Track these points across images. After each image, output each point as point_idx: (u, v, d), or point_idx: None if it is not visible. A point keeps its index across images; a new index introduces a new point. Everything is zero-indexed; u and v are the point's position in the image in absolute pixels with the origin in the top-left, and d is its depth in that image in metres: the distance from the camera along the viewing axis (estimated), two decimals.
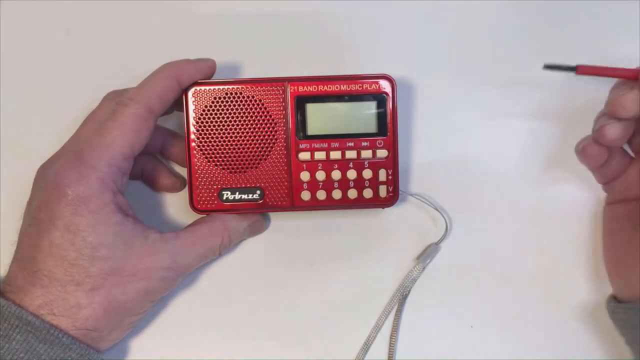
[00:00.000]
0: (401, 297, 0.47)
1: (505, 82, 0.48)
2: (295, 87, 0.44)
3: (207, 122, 0.44)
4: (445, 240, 0.48)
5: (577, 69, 0.39)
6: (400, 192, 0.45)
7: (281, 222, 0.48)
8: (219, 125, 0.44)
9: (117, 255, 0.39)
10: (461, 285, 0.48)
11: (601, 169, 0.43)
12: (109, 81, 0.45)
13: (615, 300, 0.43)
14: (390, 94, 0.44)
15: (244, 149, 0.44)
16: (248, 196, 0.44)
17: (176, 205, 0.48)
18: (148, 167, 0.47)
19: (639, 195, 0.42)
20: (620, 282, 0.43)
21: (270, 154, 0.44)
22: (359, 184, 0.44)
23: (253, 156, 0.44)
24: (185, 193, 0.46)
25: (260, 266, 0.48)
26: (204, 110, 0.44)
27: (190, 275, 0.46)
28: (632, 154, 0.44)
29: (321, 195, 0.44)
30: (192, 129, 0.44)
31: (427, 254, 0.47)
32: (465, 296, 0.47)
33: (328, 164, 0.44)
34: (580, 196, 0.47)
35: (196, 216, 0.45)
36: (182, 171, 0.48)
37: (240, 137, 0.44)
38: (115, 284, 0.39)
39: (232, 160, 0.44)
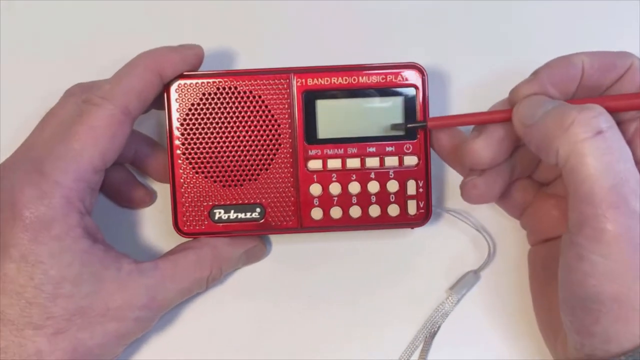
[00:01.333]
0: (428, 335, 0.46)
1: None
2: (303, 80, 0.43)
3: (194, 124, 0.43)
4: (486, 267, 0.47)
5: (427, 123, 0.42)
6: (433, 209, 0.44)
7: (286, 247, 0.48)
8: (209, 128, 0.43)
9: (85, 291, 0.39)
10: (503, 323, 0.47)
11: (503, 201, 0.45)
12: (71, 71, 0.44)
13: None
14: (420, 87, 0.43)
15: (240, 157, 0.43)
16: (246, 215, 0.44)
17: (156, 226, 0.48)
18: (113, 177, 0.47)
19: (558, 231, 0.42)
20: (557, 348, 0.42)
21: (272, 163, 0.43)
22: (383, 198, 0.44)
23: (251, 166, 0.43)
24: (166, 209, 0.45)
25: (258, 299, 0.48)
26: (190, 109, 0.43)
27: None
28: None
29: (336, 213, 0.44)
30: (175, 132, 0.43)
31: (463, 283, 0.47)
32: (507, 339, 0.47)
33: (344, 175, 0.44)
34: None
35: (179, 240, 0.45)
36: (160, 187, 0.48)
37: (236, 142, 0.43)
38: (82, 326, 0.39)
39: (226, 171, 0.43)
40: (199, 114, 0.43)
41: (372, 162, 0.43)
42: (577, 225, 0.35)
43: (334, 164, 0.43)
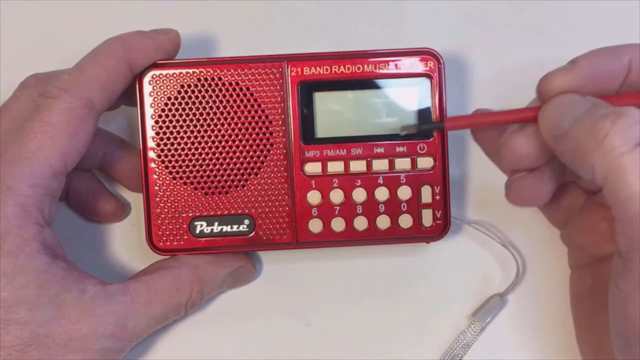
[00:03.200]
0: None
1: None
2: (299, 69, 0.43)
3: (171, 122, 0.43)
4: (514, 290, 0.47)
5: (445, 125, 0.42)
6: (452, 220, 0.44)
7: (279, 266, 0.48)
8: (188, 126, 0.43)
9: (42, 317, 0.39)
10: (534, 354, 0.47)
11: (548, 204, 0.44)
12: (28, 61, 0.45)
13: None
14: (436, 77, 0.44)
15: (225, 159, 0.44)
16: (232, 228, 0.44)
17: (126, 241, 0.48)
18: (78, 186, 0.47)
19: (606, 249, 0.42)
20: None
21: (263, 167, 0.44)
22: (393, 208, 0.44)
23: (239, 170, 0.44)
24: (139, 221, 0.45)
25: (245, 328, 0.48)
26: (166, 105, 0.43)
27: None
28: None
29: (338, 225, 0.44)
30: (149, 131, 0.43)
31: (488, 309, 0.47)
32: None
33: (347, 180, 0.44)
34: None
35: (154, 257, 0.45)
36: (134, 197, 0.48)
37: (220, 142, 0.43)
38: (39, 358, 0.39)
39: (209, 177, 0.44)
40: (177, 110, 0.43)
41: (380, 165, 0.43)
42: (628, 251, 0.35)
43: (336, 167, 0.43)
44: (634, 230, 0.34)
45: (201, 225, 0.44)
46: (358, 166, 0.44)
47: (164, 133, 0.43)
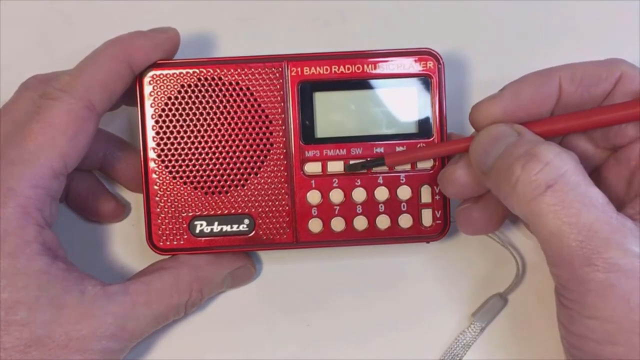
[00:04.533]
0: None
1: None
2: (299, 69, 0.43)
3: (171, 122, 0.43)
4: (515, 290, 0.47)
5: (385, 161, 0.43)
6: (452, 220, 0.45)
7: (278, 266, 0.48)
8: (188, 126, 0.43)
9: (42, 318, 0.39)
10: (534, 354, 0.47)
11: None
12: (28, 61, 0.45)
13: None
14: (436, 77, 0.44)
15: (225, 159, 0.44)
16: (232, 228, 0.44)
17: (126, 241, 0.48)
18: (78, 186, 0.47)
19: None
20: None
21: (263, 167, 0.44)
22: (393, 207, 0.44)
23: (239, 170, 0.44)
24: (139, 221, 0.45)
25: (245, 328, 0.48)
26: (166, 104, 0.43)
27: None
28: None
29: (338, 224, 0.44)
30: (149, 131, 0.43)
31: (488, 309, 0.47)
32: None
33: (347, 180, 0.44)
34: None
35: (154, 257, 0.45)
36: (134, 198, 0.48)
37: (220, 142, 0.43)
38: (39, 359, 0.39)
39: (209, 176, 0.44)
40: (177, 110, 0.43)
41: None
42: (560, 287, 0.36)
43: (335, 167, 0.44)
44: (559, 269, 0.36)
45: (201, 225, 0.44)
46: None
47: (164, 133, 0.43)
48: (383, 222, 0.44)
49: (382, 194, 0.44)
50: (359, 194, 0.44)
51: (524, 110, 0.40)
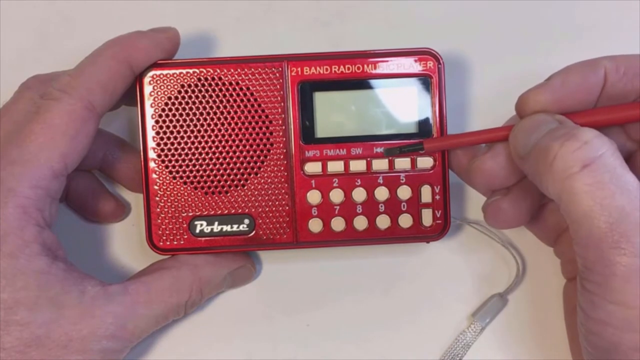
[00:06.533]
0: None
1: None
2: (299, 69, 0.43)
3: (171, 121, 0.43)
4: (515, 290, 0.47)
5: (424, 146, 0.43)
6: (452, 220, 0.45)
7: (278, 266, 0.48)
8: (188, 126, 0.43)
9: (42, 319, 0.39)
10: (534, 354, 0.47)
11: (534, 225, 0.45)
12: (28, 61, 0.46)
13: None
14: (436, 77, 0.44)
15: (225, 159, 0.44)
16: (232, 227, 0.44)
17: (126, 241, 0.48)
18: (78, 186, 0.47)
19: None
20: None
21: (263, 167, 0.44)
22: (393, 207, 0.44)
23: (239, 170, 0.44)
24: (139, 221, 0.45)
25: (245, 328, 0.48)
26: (166, 104, 0.43)
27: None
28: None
29: (338, 224, 0.44)
30: (150, 131, 0.43)
31: (488, 309, 0.47)
32: None
33: (347, 180, 0.44)
34: None
35: (154, 257, 0.45)
36: (134, 198, 0.48)
37: (220, 142, 0.43)
38: (39, 359, 0.39)
39: (209, 176, 0.44)
40: (177, 110, 0.43)
41: (380, 164, 0.44)
42: (584, 271, 0.36)
43: (335, 167, 0.44)
44: (586, 250, 0.35)
45: (201, 225, 0.44)
46: (358, 166, 0.44)
47: (164, 133, 0.43)
48: (383, 222, 0.44)
49: (382, 193, 0.44)
50: (359, 194, 0.44)
51: (571, 99, 0.40)
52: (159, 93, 0.43)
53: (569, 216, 0.36)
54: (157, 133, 0.43)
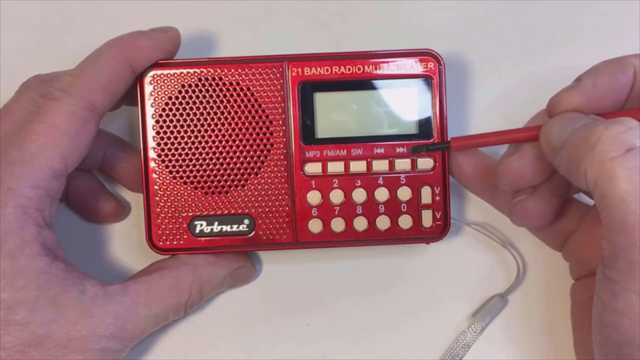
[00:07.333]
0: None
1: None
2: (299, 70, 0.43)
3: (172, 121, 0.43)
4: (515, 290, 0.47)
5: (450, 144, 0.43)
6: (452, 221, 0.45)
7: (278, 267, 0.48)
8: (189, 126, 0.43)
9: (42, 318, 0.39)
10: (534, 354, 0.47)
11: (545, 230, 0.45)
12: (28, 62, 0.45)
13: None
14: (437, 78, 0.44)
15: (225, 159, 0.44)
16: (232, 228, 0.44)
17: (126, 241, 0.48)
18: (78, 186, 0.47)
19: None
20: None
21: (263, 167, 0.44)
22: (393, 208, 0.44)
23: (239, 170, 0.44)
24: (139, 221, 0.45)
25: (245, 328, 0.48)
26: (167, 104, 0.43)
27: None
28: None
29: (338, 225, 0.44)
30: (150, 131, 0.43)
31: (489, 309, 0.47)
32: None
33: (347, 180, 0.44)
34: None
35: (154, 257, 0.45)
36: (134, 198, 0.48)
37: (220, 142, 0.43)
38: (39, 359, 0.39)
39: (209, 176, 0.44)
40: (177, 110, 0.43)
41: (380, 165, 0.44)
42: (610, 258, 0.35)
43: (336, 167, 0.44)
44: (617, 235, 0.35)
45: (201, 225, 0.44)
46: (358, 166, 0.44)
47: (165, 133, 0.43)
48: (383, 222, 0.44)
49: (382, 194, 0.44)
50: (359, 195, 0.44)
51: (603, 100, 0.39)
52: (160, 93, 0.43)
53: (604, 199, 0.35)
54: (158, 133, 0.43)
